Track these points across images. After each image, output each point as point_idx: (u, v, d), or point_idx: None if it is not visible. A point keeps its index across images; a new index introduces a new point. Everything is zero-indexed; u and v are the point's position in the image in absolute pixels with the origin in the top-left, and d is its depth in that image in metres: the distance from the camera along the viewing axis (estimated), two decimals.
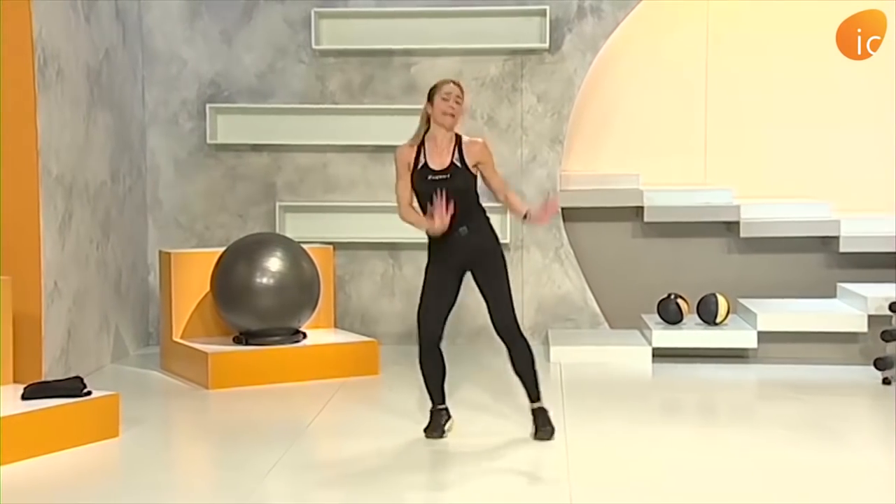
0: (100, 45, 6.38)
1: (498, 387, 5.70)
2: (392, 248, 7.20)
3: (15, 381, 4.96)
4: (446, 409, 4.88)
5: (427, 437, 4.80)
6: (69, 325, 5.88)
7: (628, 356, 6.56)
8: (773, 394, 5.92)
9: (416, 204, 4.77)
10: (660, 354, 6.55)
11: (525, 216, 4.74)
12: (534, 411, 4.81)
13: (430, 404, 4.87)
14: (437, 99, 4.68)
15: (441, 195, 4.57)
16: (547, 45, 6.99)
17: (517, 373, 4.80)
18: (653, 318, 6.79)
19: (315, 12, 7.00)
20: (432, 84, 4.63)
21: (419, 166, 4.70)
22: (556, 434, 4.81)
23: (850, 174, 7.26)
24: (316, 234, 7.03)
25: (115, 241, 6.59)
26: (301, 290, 6.11)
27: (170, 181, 7.19)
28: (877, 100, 7.27)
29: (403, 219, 4.80)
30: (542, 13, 6.98)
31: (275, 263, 6.04)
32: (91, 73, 6.24)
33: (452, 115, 4.67)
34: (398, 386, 5.89)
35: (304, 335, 6.25)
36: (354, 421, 5.21)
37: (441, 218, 4.58)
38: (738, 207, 6.97)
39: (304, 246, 6.38)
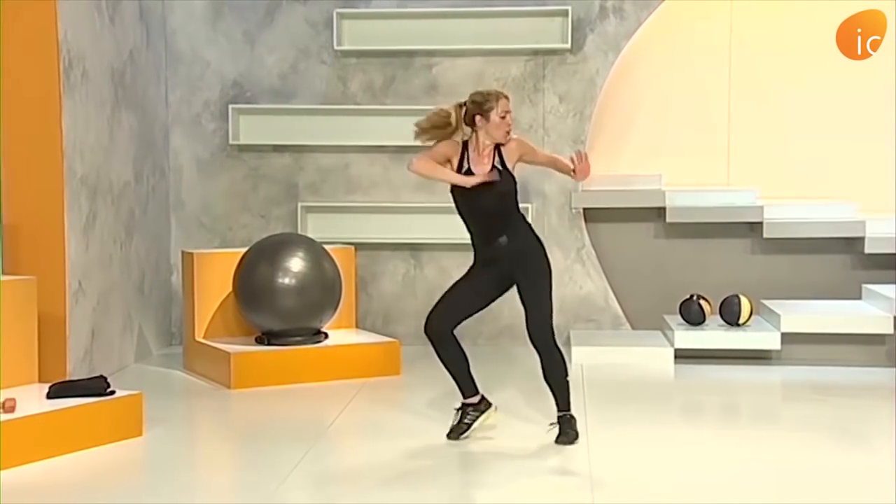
0: (124, 46, 6.42)
1: (518, 387, 5.69)
2: (413, 248, 7.20)
3: (40, 381, 5.01)
4: (474, 406, 4.82)
5: (448, 438, 4.79)
6: (93, 324, 5.92)
7: (650, 357, 6.54)
8: (797, 396, 5.88)
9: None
10: (682, 356, 6.52)
11: (573, 171, 4.77)
12: (560, 419, 4.80)
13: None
14: (493, 115, 4.66)
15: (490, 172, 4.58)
16: (569, 45, 6.97)
17: (548, 382, 4.78)
18: (675, 319, 6.76)
19: (337, 13, 7.02)
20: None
21: (462, 170, 4.70)
22: (579, 434, 4.80)
23: (875, 174, 7.19)
24: (338, 234, 7.05)
25: (138, 241, 6.63)
26: (323, 291, 6.13)
27: (193, 181, 7.23)
28: None
29: (417, 166, 4.72)
30: (564, 13, 6.97)
31: (297, 264, 6.06)
32: (115, 75, 6.28)
33: (508, 133, 4.70)
34: (420, 386, 5.89)
35: (326, 335, 6.26)
36: (376, 421, 5.21)
37: (484, 175, 4.57)
38: (761, 208, 6.93)
39: (326, 246, 6.39)
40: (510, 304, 4.98)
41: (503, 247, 4.68)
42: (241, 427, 5.29)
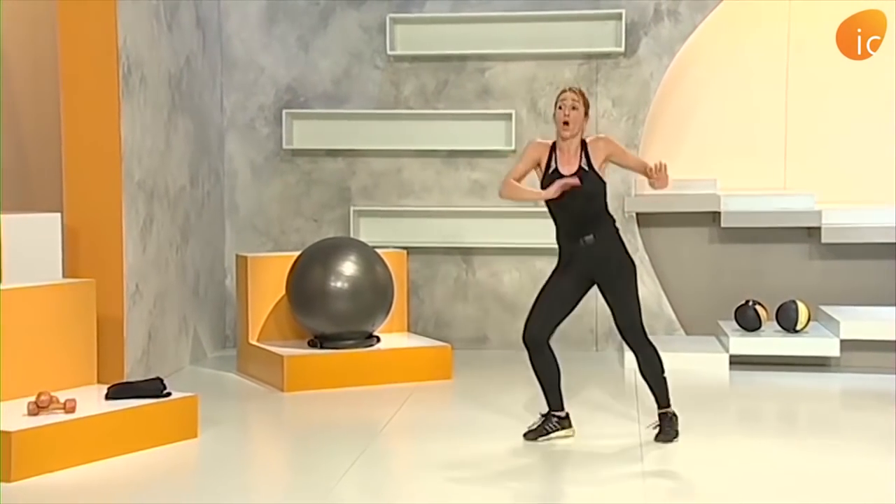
0: (181, 52, 6.51)
1: (573, 389, 5.65)
2: (465, 252, 7.20)
3: (98, 382, 5.08)
4: (559, 418, 4.83)
5: (525, 437, 4.82)
6: (150, 327, 6.00)
7: (705, 363, 6.46)
8: (857, 404, 5.77)
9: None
10: (737, 362, 6.43)
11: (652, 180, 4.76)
12: (661, 416, 4.84)
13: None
14: (555, 109, 4.77)
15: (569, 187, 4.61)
16: (622, 48, 6.93)
17: (645, 378, 4.84)
18: (730, 325, 6.67)
19: (390, 18, 7.05)
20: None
21: (550, 170, 4.75)
22: (632, 441, 4.76)
23: None
24: (390, 238, 7.07)
25: (193, 244, 6.71)
26: (375, 295, 6.15)
27: (247, 186, 7.30)
28: None
29: (506, 191, 4.82)
30: (618, 17, 6.92)
31: (349, 268, 6.09)
32: (172, 80, 6.37)
33: (567, 123, 4.72)
34: (471, 390, 5.88)
35: (378, 339, 6.28)
36: (428, 425, 5.21)
37: (562, 185, 4.61)
38: (819, 213, 6.81)
39: (379, 250, 6.41)
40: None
41: (588, 246, 4.71)
42: (295, 429, 5.32)
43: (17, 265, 5.13)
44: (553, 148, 4.78)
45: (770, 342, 6.46)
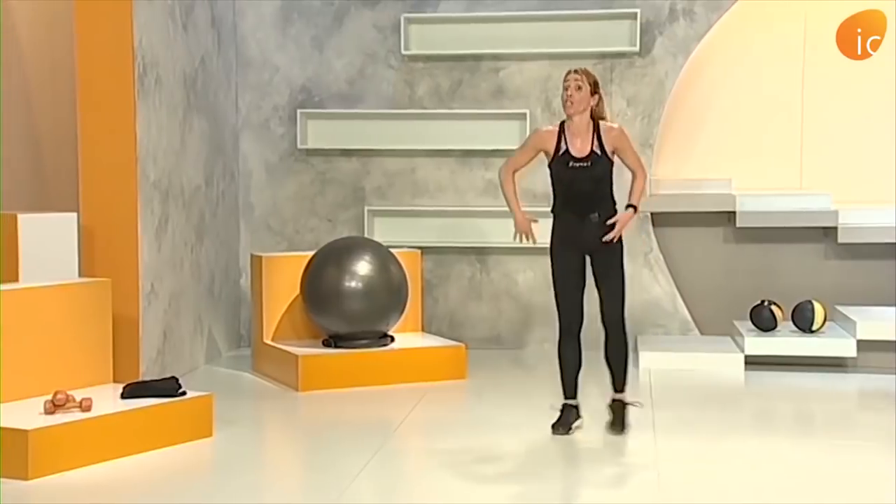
0: (196, 52, 6.53)
1: (591, 388, 5.64)
2: (479, 252, 7.19)
3: (114, 381, 5.10)
4: (577, 407, 4.93)
5: (553, 433, 4.86)
6: (165, 326, 6.03)
7: (720, 363, 6.44)
8: (874, 405, 5.73)
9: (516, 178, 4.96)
10: (753, 362, 6.40)
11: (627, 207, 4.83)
12: (615, 402, 4.93)
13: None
14: (561, 90, 4.83)
15: (531, 232, 4.88)
16: (637, 48, 6.91)
17: (608, 359, 4.93)
18: (745, 325, 6.64)
19: (405, 18, 7.05)
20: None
21: (560, 152, 4.80)
22: (646, 441, 4.76)
23: None
24: (404, 238, 7.07)
25: (208, 244, 6.73)
26: (389, 294, 6.15)
27: (261, 185, 7.32)
28: None
29: (501, 180, 4.97)
30: (633, 16, 6.90)
31: (363, 267, 6.09)
32: (187, 80, 6.39)
33: (570, 102, 4.77)
34: (486, 390, 5.88)
35: (392, 339, 6.28)
36: (442, 425, 5.21)
37: (528, 234, 4.89)
38: (836, 212, 6.78)
39: (393, 250, 6.41)
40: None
41: (593, 223, 4.79)
42: (309, 429, 5.33)
43: (34, 265, 5.16)
44: (562, 130, 4.83)
45: (786, 342, 6.42)
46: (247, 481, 4.30)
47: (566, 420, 4.90)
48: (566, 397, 4.94)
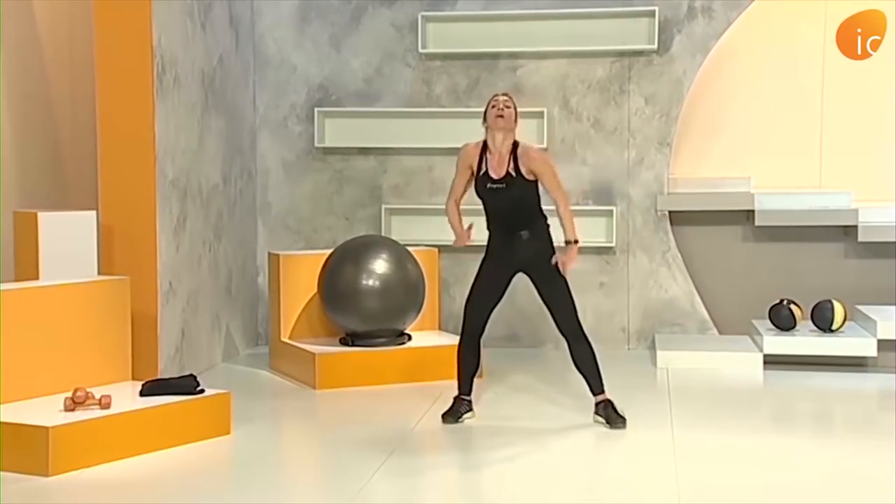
0: (214, 51, 6.55)
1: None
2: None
3: (133, 379, 5.13)
4: (469, 401, 5.16)
5: (444, 422, 5.06)
6: (183, 324, 6.05)
7: (738, 363, 6.41)
8: (894, 405, 5.68)
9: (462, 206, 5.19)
10: (771, 361, 6.37)
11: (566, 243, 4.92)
12: (600, 403, 5.02)
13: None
14: (488, 108, 5.00)
15: (471, 228, 5.07)
16: (655, 46, 6.88)
17: (579, 369, 5.06)
18: (764, 324, 6.61)
19: (422, 16, 7.05)
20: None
21: (480, 173, 4.99)
22: (664, 440, 4.74)
23: None
24: (421, 236, 7.07)
25: (226, 242, 6.75)
26: (406, 293, 6.15)
27: (279, 184, 7.34)
28: None
29: (447, 213, 5.20)
30: (651, 14, 6.88)
31: (381, 266, 6.10)
32: (206, 79, 6.41)
33: (502, 117, 4.91)
34: (502, 389, 5.87)
35: (409, 337, 6.29)
36: (459, 423, 5.20)
37: (467, 243, 5.12)
38: (856, 211, 6.73)
39: (410, 248, 6.42)
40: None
41: (523, 240, 4.93)
42: (327, 427, 5.34)
43: (54, 262, 5.20)
44: (484, 150, 4.97)
45: (805, 342, 6.39)
46: (264, 479, 4.31)
47: (457, 410, 5.10)
48: (460, 393, 5.14)
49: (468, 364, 5.15)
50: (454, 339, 6.46)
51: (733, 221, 7.03)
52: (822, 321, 6.43)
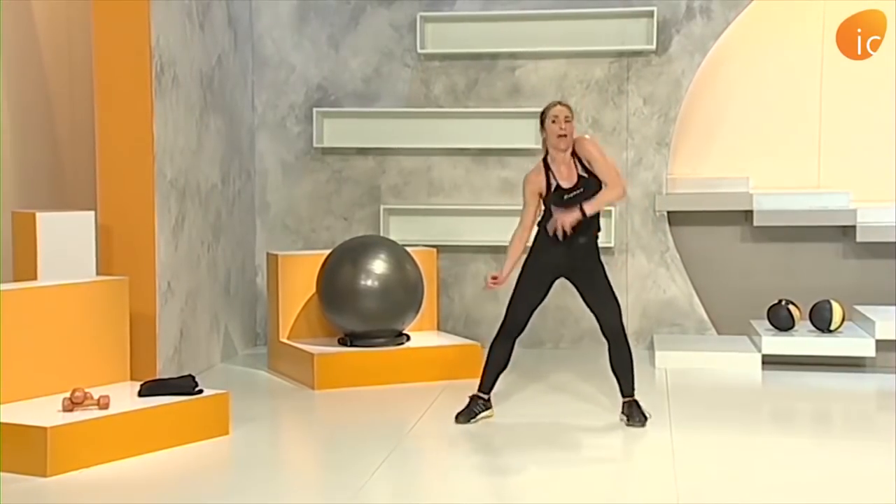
0: (212, 51, 6.55)
1: (601, 388, 5.63)
2: (495, 251, 7.18)
3: (131, 379, 5.12)
4: (487, 399, 5.12)
5: (457, 421, 5.03)
6: (181, 324, 6.05)
7: (737, 363, 6.41)
8: (893, 405, 5.68)
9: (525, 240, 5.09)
10: (770, 362, 6.38)
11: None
12: (626, 403, 5.04)
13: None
14: (547, 123, 4.87)
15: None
16: (654, 46, 6.89)
17: (614, 368, 5.04)
18: (762, 325, 6.61)
19: (421, 16, 7.05)
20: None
21: (552, 188, 4.89)
22: (663, 440, 4.75)
23: None
24: (420, 236, 7.07)
25: (224, 242, 6.75)
26: (405, 293, 6.15)
27: (277, 184, 7.34)
28: None
29: (511, 241, 5.09)
30: (650, 14, 6.88)
31: (379, 266, 6.10)
32: (204, 79, 6.41)
33: (565, 136, 4.84)
34: (501, 389, 5.86)
35: (408, 337, 6.29)
36: (459, 424, 5.20)
37: (499, 284, 5.00)
38: (854, 211, 6.74)
39: (408, 248, 6.42)
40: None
41: (580, 245, 4.90)
42: (325, 427, 5.34)
43: (52, 263, 5.19)
44: (546, 166, 4.91)
45: (803, 342, 6.39)
46: (263, 479, 4.31)
47: (471, 410, 5.06)
48: (480, 390, 5.09)
49: (498, 361, 5.08)
50: (453, 340, 6.50)
51: (732, 222, 7.03)
52: (821, 321, 6.43)
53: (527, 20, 7.04)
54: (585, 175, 4.84)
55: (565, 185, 4.86)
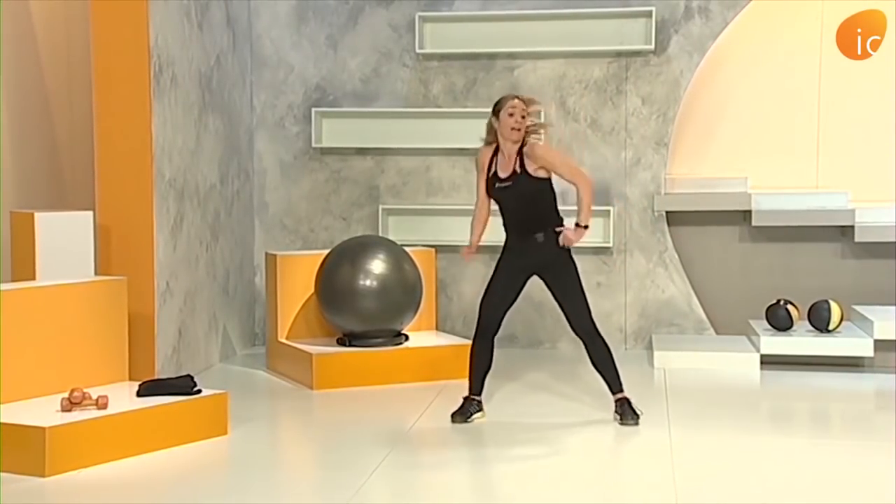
0: (211, 51, 6.55)
1: (600, 388, 5.63)
2: (493, 251, 7.13)
3: (130, 379, 5.12)
4: (479, 401, 5.14)
5: (453, 421, 5.05)
6: (180, 324, 6.04)
7: (735, 363, 6.41)
8: (891, 405, 5.68)
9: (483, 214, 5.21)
10: (768, 361, 6.38)
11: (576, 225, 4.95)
12: (618, 401, 5.04)
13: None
14: (503, 114, 4.96)
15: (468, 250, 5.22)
16: (652, 46, 6.89)
17: (597, 368, 5.08)
18: (761, 325, 6.61)
19: (419, 16, 7.05)
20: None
21: (491, 174, 5.03)
22: (662, 440, 4.74)
23: None
24: (418, 236, 7.07)
25: (223, 242, 6.75)
26: (403, 293, 6.15)
27: (276, 184, 7.33)
28: None
29: (473, 214, 5.23)
30: (648, 14, 6.88)
31: (378, 266, 6.10)
32: (203, 79, 6.40)
33: (518, 130, 4.92)
34: (499, 389, 5.87)
35: (406, 337, 6.29)
36: (467, 423, 5.20)
37: (468, 253, 5.26)
38: (853, 211, 6.74)
39: (407, 248, 6.42)
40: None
41: (538, 243, 4.95)
42: (324, 427, 5.34)
43: (51, 263, 5.19)
44: (496, 151, 5.02)
45: (802, 342, 6.39)
46: (261, 479, 4.31)
47: (466, 410, 5.09)
48: (470, 393, 5.12)
49: (481, 363, 5.12)
50: (452, 340, 6.50)
51: (730, 221, 7.03)
52: (819, 321, 6.43)
53: (525, 20, 7.04)
54: (519, 171, 4.92)
55: (501, 174, 4.98)
